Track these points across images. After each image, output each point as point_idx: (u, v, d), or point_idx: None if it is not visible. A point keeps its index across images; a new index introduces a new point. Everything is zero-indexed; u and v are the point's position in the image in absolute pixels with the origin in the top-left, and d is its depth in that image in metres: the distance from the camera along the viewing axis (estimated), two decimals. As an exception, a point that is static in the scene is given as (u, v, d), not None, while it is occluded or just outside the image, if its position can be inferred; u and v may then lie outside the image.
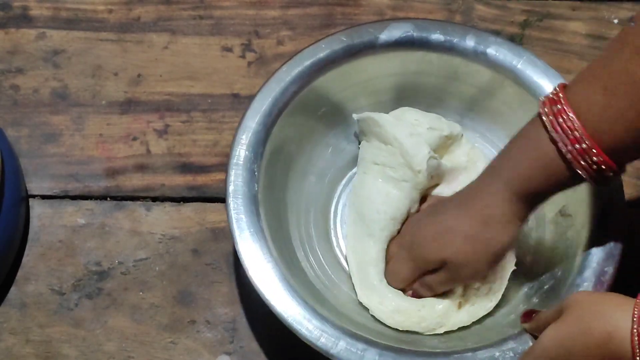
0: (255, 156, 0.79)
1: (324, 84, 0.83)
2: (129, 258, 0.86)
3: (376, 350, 0.73)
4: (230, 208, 0.77)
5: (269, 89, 0.81)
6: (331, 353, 0.73)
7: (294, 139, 0.84)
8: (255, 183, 0.78)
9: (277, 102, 0.81)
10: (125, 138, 0.91)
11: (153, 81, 0.93)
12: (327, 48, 0.83)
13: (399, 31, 0.84)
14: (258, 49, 0.95)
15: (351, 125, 0.86)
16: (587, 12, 0.98)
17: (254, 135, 0.80)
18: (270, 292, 0.74)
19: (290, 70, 0.82)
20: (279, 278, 0.75)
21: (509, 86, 0.83)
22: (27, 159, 0.89)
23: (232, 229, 0.76)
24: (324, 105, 0.85)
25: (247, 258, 0.75)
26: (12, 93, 0.92)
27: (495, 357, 0.73)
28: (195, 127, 0.92)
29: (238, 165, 0.79)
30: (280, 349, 0.83)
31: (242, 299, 0.84)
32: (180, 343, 0.83)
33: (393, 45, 0.84)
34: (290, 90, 0.82)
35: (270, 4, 0.97)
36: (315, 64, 0.83)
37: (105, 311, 0.84)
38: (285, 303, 0.74)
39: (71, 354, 0.82)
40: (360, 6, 0.97)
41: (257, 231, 0.76)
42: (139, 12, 0.96)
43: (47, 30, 0.95)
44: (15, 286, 0.85)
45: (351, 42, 0.83)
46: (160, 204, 0.88)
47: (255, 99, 0.81)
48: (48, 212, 0.87)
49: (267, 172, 0.80)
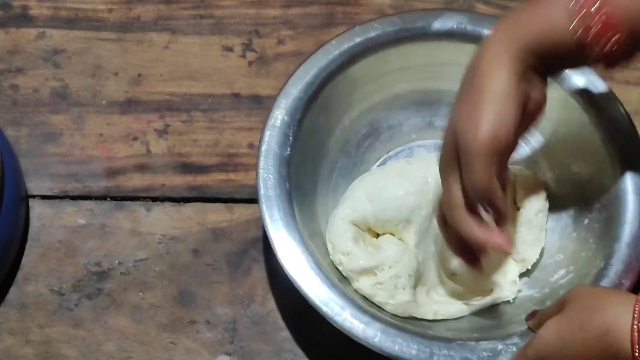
0: (292, 121, 0.80)
1: (370, 63, 0.84)
2: (129, 258, 0.86)
3: (380, 325, 0.73)
4: (259, 167, 0.78)
5: (315, 60, 0.82)
6: (335, 320, 0.73)
7: (334, 113, 0.84)
8: (288, 147, 0.79)
9: (322, 74, 0.82)
10: (125, 138, 0.91)
11: (153, 81, 0.93)
12: (379, 28, 0.83)
13: (452, 22, 0.84)
14: (259, 49, 0.95)
15: (393, 108, 0.87)
16: (589, 11, 0.98)
17: (294, 101, 0.81)
18: (287, 254, 0.75)
19: (339, 44, 0.83)
20: (297, 240, 0.76)
21: (553, 88, 0.83)
22: (27, 158, 0.89)
23: (258, 187, 0.77)
24: (368, 83, 0.85)
25: (269, 219, 0.76)
26: (12, 93, 0.92)
27: (498, 350, 0.73)
28: (196, 127, 0.91)
29: (274, 128, 0.80)
30: (280, 348, 0.83)
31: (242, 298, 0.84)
32: (180, 343, 0.83)
33: (445, 35, 0.84)
34: (336, 63, 0.82)
35: (271, 3, 0.97)
36: (364, 42, 0.83)
37: (105, 311, 0.84)
38: (299, 265, 0.75)
39: (71, 354, 0.82)
40: (361, 5, 0.97)
41: (283, 193, 0.77)
42: (139, 11, 0.96)
43: (47, 30, 0.95)
44: (14, 286, 0.84)
45: (404, 25, 0.83)
46: (161, 204, 0.88)
47: (300, 68, 0.82)
48: (48, 212, 0.87)
49: (301, 140, 0.80)
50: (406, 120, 0.88)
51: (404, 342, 0.73)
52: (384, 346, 0.73)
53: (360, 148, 0.87)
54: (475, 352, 0.73)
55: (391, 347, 0.73)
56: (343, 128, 0.86)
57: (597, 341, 0.62)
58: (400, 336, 0.73)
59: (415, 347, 0.73)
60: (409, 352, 0.73)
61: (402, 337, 0.73)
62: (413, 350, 0.73)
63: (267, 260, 0.86)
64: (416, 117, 0.88)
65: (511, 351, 0.73)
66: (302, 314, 0.83)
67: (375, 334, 0.73)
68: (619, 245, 0.77)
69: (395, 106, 0.87)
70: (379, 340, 0.73)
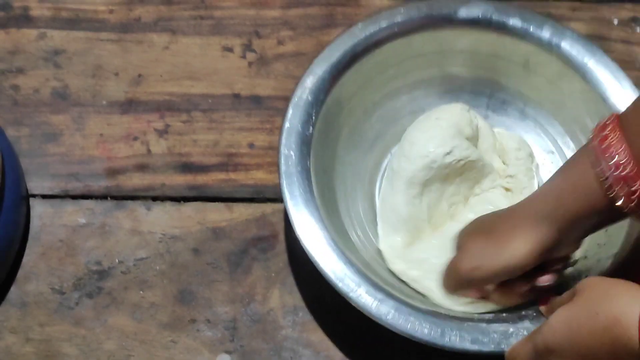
0: (315, 101, 0.81)
1: (395, 48, 0.84)
2: (130, 257, 0.86)
3: (393, 303, 0.74)
4: (282, 144, 0.79)
5: (341, 41, 0.83)
6: (350, 296, 0.74)
7: (357, 96, 0.85)
8: (310, 126, 0.80)
9: (347, 55, 0.83)
10: (125, 138, 0.91)
11: (153, 81, 0.93)
12: (404, 13, 0.84)
13: (478, 10, 0.84)
14: (258, 49, 0.95)
15: (415, 93, 0.88)
16: (588, 12, 0.98)
17: (318, 81, 0.82)
18: (305, 229, 0.76)
19: (365, 28, 0.84)
20: (316, 218, 0.76)
21: (577, 82, 0.84)
22: (27, 158, 0.89)
23: (279, 163, 0.78)
24: (391, 68, 0.86)
25: (289, 195, 0.77)
26: (13, 93, 0.92)
27: (509, 333, 0.73)
28: (196, 127, 0.92)
29: (298, 107, 0.81)
30: (280, 347, 0.83)
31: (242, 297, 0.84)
32: (180, 342, 0.83)
33: (470, 22, 0.84)
34: (361, 46, 0.83)
35: (271, 4, 0.97)
36: (390, 26, 0.84)
37: (105, 310, 0.84)
38: (317, 241, 0.76)
39: (71, 352, 0.82)
40: (361, 6, 0.97)
41: (303, 170, 0.78)
42: (140, 12, 0.96)
43: (48, 31, 0.95)
44: (15, 285, 0.84)
45: (430, 11, 0.84)
46: (161, 204, 0.88)
47: (326, 49, 0.83)
48: (48, 212, 0.87)
49: (324, 120, 0.81)
50: (428, 106, 0.88)
51: (417, 320, 0.73)
52: (396, 324, 0.73)
53: (381, 132, 0.88)
54: (487, 334, 0.73)
55: (404, 325, 0.73)
56: (365, 111, 0.86)
57: (605, 331, 0.62)
58: (413, 314, 0.74)
59: (427, 327, 0.73)
60: (421, 331, 0.73)
61: (415, 316, 0.74)
62: (425, 329, 0.73)
63: (268, 258, 0.86)
64: (439, 103, 0.88)
65: (522, 334, 0.73)
66: (302, 312, 0.83)
67: (388, 311, 0.74)
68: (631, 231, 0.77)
69: (417, 91, 0.88)
70: (392, 318, 0.74)
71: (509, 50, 0.85)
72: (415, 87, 0.88)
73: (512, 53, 0.86)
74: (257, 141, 0.91)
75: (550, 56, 0.84)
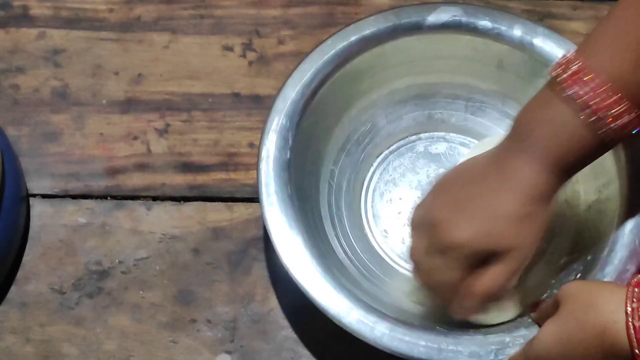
0: (290, 124, 0.80)
1: (367, 60, 0.84)
2: (130, 257, 0.86)
3: (387, 324, 0.73)
4: (260, 172, 0.78)
5: (311, 60, 0.82)
6: (342, 322, 0.73)
7: (333, 113, 0.84)
8: (287, 150, 0.79)
9: (318, 74, 0.82)
10: (125, 137, 0.91)
11: (153, 80, 0.93)
12: (373, 25, 0.83)
13: (447, 14, 0.84)
14: (259, 49, 0.95)
15: (392, 103, 0.87)
16: (588, 11, 0.98)
17: (292, 104, 0.80)
18: (290, 256, 0.75)
19: (335, 43, 0.83)
20: (301, 244, 0.75)
21: None
22: (27, 158, 0.89)
23: (260, 192, 0.77)
24: (365, 81, 0.85)
25: (272, 223, 0.76)
26: (13, 92, 0.92)
27: (506, 342, 0.73)
28: (196, 126, 0.92)
29: (273, 132, 0.80)
30: (280, 347, 0.83)
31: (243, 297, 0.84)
32: (180, 342, 0.83)
33: (440, 28, 0.84)
34: (333, 63, 0.82)
35: (271, 3, 0.97)
36: (360, 40, 0.83)
37: (105, 310, 0.84)
38: (304, 267, 0.75)
39: (71, 353, 0.82)
40: (361, 5, 0.97)
41: (285, 197, 0.77)
42: (140, 11, 0.96)
43: (48, 30, 0.95)
44: (15, 285, 0.84)
45: (398, 21, 0.83)
46: (161, 203, 0.88)
47: (297, 69, 0.82)
48: (48, 211, 0.87)
49: (301, 142, 0.80)
50: (406, 115, 0.88)
51: (412, 339, 0.73)
52: (391, 345, 0.73)
53: (361, 145, 0.88)
54: (484, 346, 0.73)
55: (399, 346, 0.73)
56: (342, 127, 0.86)
57: (595, 340, 0.62)
58: (408, 334, 0.73)
59: (423, 344, 0.73)
60: (417, 350, 0.73)
61: (410, 335, 0.73)
62: (421, 348, 0.73)
63: (268, 258, 0.86)
64: (415, 111, 0.89)
65: (519, 343, 0.72)
66: (302, 312, 0.83)
67: (383, 333, 0.73)
68: (622, 231, 0.77)
69: (394, 101, 0.88)
70: (387, 340, 0.73)
71: (481, 52, 0.85)
72: (392, 97, 0.87)
73: (485, 55, 0.85)
74: (257, 141, 0.90)
75: (523, 54, 0.84)
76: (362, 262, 0.84)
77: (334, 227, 0.84)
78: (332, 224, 0.83)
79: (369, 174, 0.88)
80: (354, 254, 0.84)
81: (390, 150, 0.89)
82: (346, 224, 0.85)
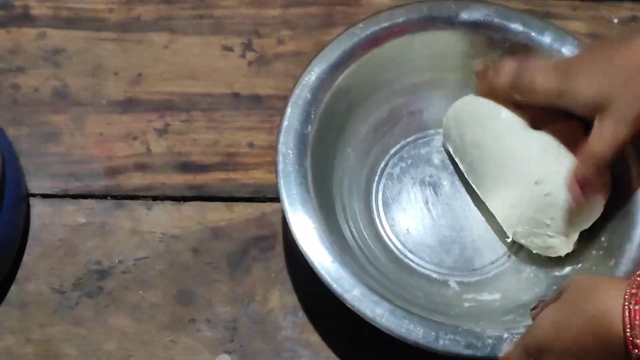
0: (314, 100, 0.81)
1: (394, 49, 0.84)
2: (129, 257, 0.86)
3: (388, 305, 0.74)
4: (280, 142, 0.79)
5: (340, 41, 0.83)
6: (344, 297, 0.74)
7: (355, 95, 0.85)
8: (309, 125, 0.80)
9: (346, 55, 0.83)
10: (125, 137, 0.91)
11: (153, 80, 0.93)
12: (405, 14, 0.84)
13: (480, 13, 0.84)
14: (258, 49, 0.95)
15: (414, 94, 0.88)
16: (587, 11, 0.98)
17: (317, 79, 0.82)
18: (301, 230, 0.76)
19: (366, 28, 0.84)
20: (312, 217, 0.77)
21: None
22: (27, 158, 0.89)
23: (277, 161, 0.78)
24: (390, 69, 0.86)
25: (286, 193, 0.77)
26: (13, 92, 0.92)
27: (503, 338, 0.74)
28: (196, 126, 0.92)
29: (297, 105, 0.81)
30: (280, 347, 0.83)
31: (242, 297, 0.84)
32: (180, 342, 0.83)
33: (471, 25, 0.84)
34: (361, 46, 0.83)
35: (271, 3, 0.97)
36: (391, 27, 0.84)
37: (105, 310, 0.84)
38: (312, 240, 0.76)
39: (71, 353, 0.82)
40: (361, 6, 0.97)
41: (301, 169, 0.78)
42: (140, 11, 0.96)
43: (48, 30, 0.95)
44: (15, 285, 0.84)
45: (430, 13, 0.84)
46: (161, 203, 0.88)
47: (326, 48, 0.83)
48: (48, 211, 0.87)
49: (323, 119, 0.81)
50: (427, 108, 0.89)
51: (411, 323, 0.74)
52: (390, 326, 0.74)
53: (378, 133, 0.88)
54: (481, 339, 0.74)
55: (398, 328, 0.74)
56: (363, 111, 0.86)
57: (591, 325, 0.63)
58: (408, 317, 0.74)
59: (421, 330, 0.74)
60: (415, 334, 0.73)
61: (410, 319, 0.74)
62: (419, 332, 0.73)
63: (268, 258, 0.86)
64: (437, 106, 0.89)
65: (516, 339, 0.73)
66: (302, 312, 0.83)
67: (383, 313, 0.74)
68: (630, 245, 0.77)
69: (416, 93, 0.88)
70: (386, 320, 0.74)
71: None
72: (414, 89, 0.88)
73: None
74: (257, 140, 0.91)
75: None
76: (367, 245, 0.84)
77: (344, 210, 0.84)
78: (342, 206, 0.84)
79: (384, 162, 0.88)
80: (361, 239, 0.84)
81: (407, 141, 0.89)
82: (355, 208, 0.85)
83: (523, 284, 0.83)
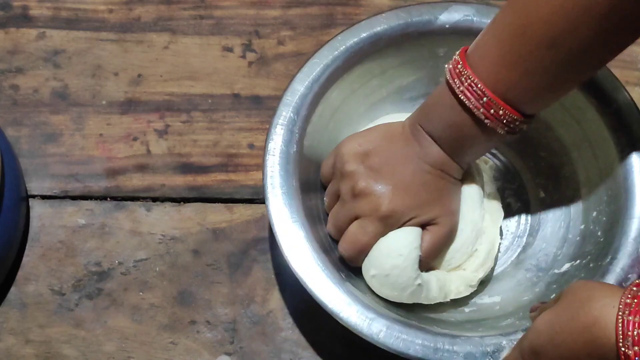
0: (297, 118, 0.80)
1: (376, 58, 0.84)
2: (129, 258, 0.86)
3: (384, 321, 0.74)
4: (266, 164, 0.78)
5: (321, 56, 0.82)
6: (340, 317, 0.74)
7: (339, 108, 0.84)
8: (294, 144, 0.79)
9: (327, 69, 0.82)
10: (125, 138, 0.91)
11: (153, 81, 0.93)
12: (384, 22, 0.83)
13: (459, 14, 0.84)
14: (258, 49, 0.95)
15: (399, 102, 0.87)
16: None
17: (300, 98, 0.81)
18: (292, 251, 0.75)
19: (345, 40, 0.83)
20: (303, 237, 0.76)
21: None
22: (27, 159, 0.89)
23: (265, 184, 0.78)
24: (374, 78, 0.85)
25: (275, 216, 0.76)
26: (12, 93, 0.92)
27: (502, 345, 0.74)
28: (196, 127, 0.91)
29: (280, 125, 0.80)
30: (280, 349, 0.83)
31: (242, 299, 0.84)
32: (180, 343, 0.83)
33: (451, 27, 0.84)
34: (342, 59, 0.82)
35: (271, 3, 0.97)
36: (370, 36, 0.83)
37: (105, 311, 0.84)
38: (304, 261, 0.75)
39: (71, 354, 0.82)
40: (361, 6, 0.97)
41: (289, 190, 0.78)
42: (140, 12, 0.96)
43: (47, 30, 0.95)
44: (15, 286, 0.84)
45: (410, 19, 0.84)
46: (161, 204, 0.88)
47: (307, 64, 0.82)
48: (48, 212, 0.87)
49: (308, 136, 0.81)
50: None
51: (409, 337, 0.73)
52: (388, 342, 0.73)
53: None
54: (479, 347, 0.73)
55: (396, 343, 0.73)
56: (350, 123, 0.86)
57: (584, 332, 0.63)
58: (405, 332, 0.73)
59: (419, 343, 0.73)
60: (414, 348, 0.73)
61: (407, 333, 0.73)
62: (417, 346, 0.73)
63: (268, 260, 0.86)
64: None
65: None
66: (302, 314, 0.83)
67: (380, 330, 0.73)
68: (625, 239, 0.77)
69: (402, 100, 0.87)
70: (384, 337, 0.73)
71: None
72: (401, 95, 0.87)
73: None
74: (257, 141, 0.91)
75: None
76: None
77: None
78: None
79: None
80: None
81: None
82: None
83: (523, 284, 0.83)
